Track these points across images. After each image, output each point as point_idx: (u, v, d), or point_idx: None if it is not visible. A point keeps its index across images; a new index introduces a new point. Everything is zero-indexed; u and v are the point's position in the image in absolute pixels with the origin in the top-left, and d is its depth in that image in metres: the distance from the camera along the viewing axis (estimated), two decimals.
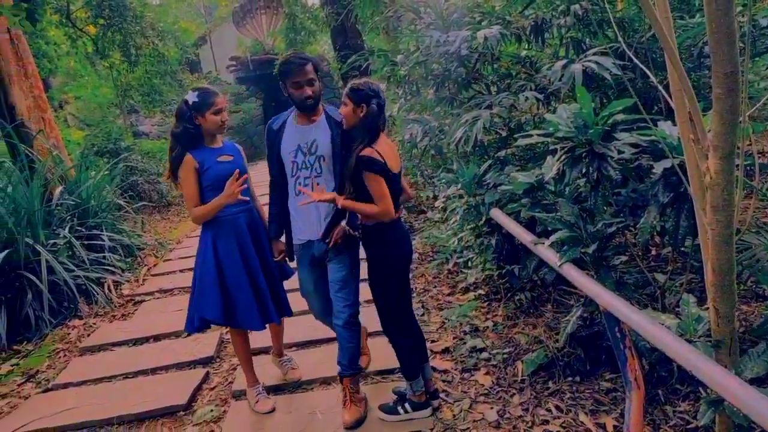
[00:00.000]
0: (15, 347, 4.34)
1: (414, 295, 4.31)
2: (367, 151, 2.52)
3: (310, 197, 2.58)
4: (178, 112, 2.85)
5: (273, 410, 3.05)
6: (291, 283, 3.13)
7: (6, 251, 4.56)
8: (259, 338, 3.39)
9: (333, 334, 3.01)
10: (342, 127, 2.75)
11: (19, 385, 3.77)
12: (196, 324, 2.94)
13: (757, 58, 3.50)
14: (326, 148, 2.73)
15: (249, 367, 3.14)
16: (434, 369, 3.19)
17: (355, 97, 2.56)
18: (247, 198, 2.89)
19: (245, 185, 2.79)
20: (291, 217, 2.86)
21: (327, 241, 2.73)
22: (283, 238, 2.98)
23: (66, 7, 10.60)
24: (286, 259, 3.01)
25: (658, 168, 2.18)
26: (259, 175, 6.87)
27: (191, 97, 2.80)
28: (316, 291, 2.93)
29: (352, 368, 2.90)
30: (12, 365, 4.08)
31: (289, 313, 3.16)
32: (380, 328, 3.83)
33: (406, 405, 2.83)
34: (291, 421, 2.97)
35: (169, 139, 2.92)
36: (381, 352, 3.39)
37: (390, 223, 2.63)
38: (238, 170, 2.79)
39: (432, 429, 2.75)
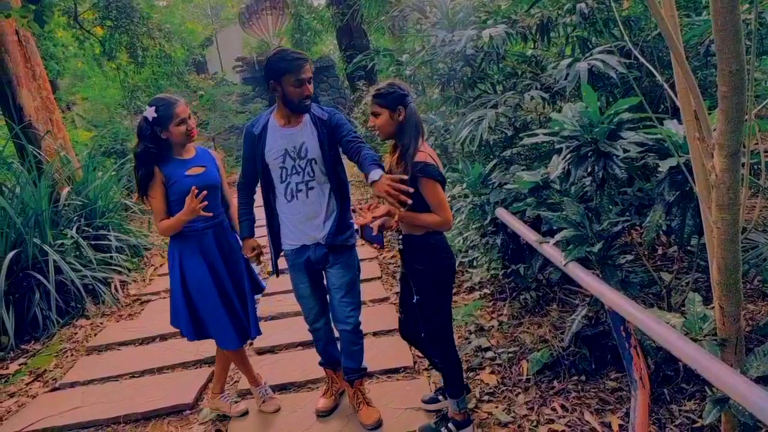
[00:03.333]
0: (23, 346, 4.38)
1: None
2: (421, 156, 2.29)
3: (363, 218, 2.29)
4: (138, 130, 2.67)
5: (278, 410, 3.06)
6: (284, 283, 2.97)
7: (14, 251, 4.60)
8: (264, 338, 3.39)
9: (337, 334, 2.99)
10: (328, 126, 2.56)
11: (26, 384, 3.80)
12: (183, 333, 2.92)
13: (763, 56, 3.48)
14: (316, 151, 2.57)
15: (247, 370, 3.11)
16: None
17: (388, 102, 2.33)
18: (211, 213, 2.70)
19: (205, 202, 2.60)
20: (281, 224, 2.72)
21: (380, 229, 2.46)
22: (256, 236, 2.85)
23: (74, 9, 10.69)
24: (260, 260, 2.85)
25: (664, 167, 2.17)
26: None
27: (150, 112, 2.60)
28: (314, 294, 2.82)
29: (361, 371, 2.91)
30: (20, 364, 4.11)
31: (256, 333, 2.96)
32: (382, 328, 3.83)
33: (450, 425, 2.63)
34: (296, 420, 2.97)
35: (133, 159, 2.73)
36: (385, 351, 3.39)
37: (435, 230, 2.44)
38: (194, 188, 2.56)
39: None
